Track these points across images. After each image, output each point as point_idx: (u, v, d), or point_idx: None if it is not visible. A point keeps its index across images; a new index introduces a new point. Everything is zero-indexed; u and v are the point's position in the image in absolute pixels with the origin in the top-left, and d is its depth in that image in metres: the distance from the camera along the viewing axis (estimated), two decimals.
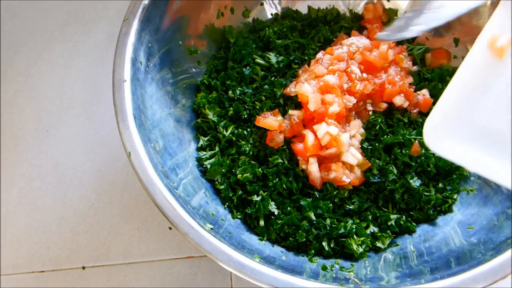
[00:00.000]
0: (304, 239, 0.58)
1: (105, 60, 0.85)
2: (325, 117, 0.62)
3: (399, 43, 0.73)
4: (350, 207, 0.61)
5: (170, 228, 0.68)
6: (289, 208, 0.60)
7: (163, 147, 0.60)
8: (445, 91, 0.40)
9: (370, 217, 0.61)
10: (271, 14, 0.78)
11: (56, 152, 0.76)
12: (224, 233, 0.56)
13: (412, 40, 0.74)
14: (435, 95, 0.68)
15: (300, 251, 0.59)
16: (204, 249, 0.49)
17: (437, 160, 0.63)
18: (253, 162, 0.62)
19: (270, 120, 0.63)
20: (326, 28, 0.74)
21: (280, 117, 0.64)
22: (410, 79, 0.69)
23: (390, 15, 0.75)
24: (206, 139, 0.66)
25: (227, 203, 0.62)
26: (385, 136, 0.64)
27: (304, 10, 0.78)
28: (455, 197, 0.63)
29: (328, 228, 0.59)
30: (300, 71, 0.66)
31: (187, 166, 0.63)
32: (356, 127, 0.64)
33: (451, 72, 0.71)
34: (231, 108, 0.65)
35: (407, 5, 0.70)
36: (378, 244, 0.59)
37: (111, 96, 0.55)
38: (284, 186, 0.61)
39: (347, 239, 0.58)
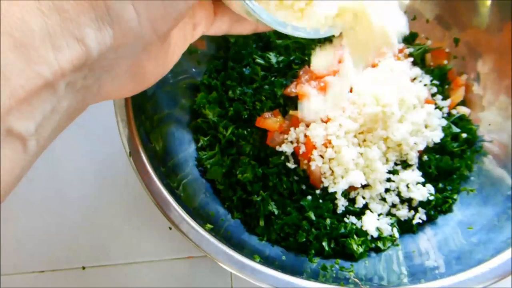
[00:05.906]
0: (304, 239, 0.58)
1: None
2: None
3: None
4: (350, 207, 0.61)
5: (170, 228, 0.68)
6: (289, 208, 0.60)
7: (163, 147, 0.60)
8: None
9: None
10: None
11: (56, 152, 0.76)
12: (224, 233, 0.56)
13: (412, 40, 0.73)
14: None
15: (300, 251, 0.59)
16: (204, 249, 0.49)
17: (437, 160, 0.63)
18: (253, 162, 0.62)
19: (270, 121, 0.63)
20: None
21: (280, 118, 0.64)
22: None
23: None
24: (206, 139, 0.66)
25: (227, 203, 0.62)
26: None
27: None
28: (455, 197, 0.63)
29: (328, 228, 0.59)
30: (301, 72, 0.66)
31: (187, 166, 0.63)
32: None
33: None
34: (231, 108, 0.65)
35: None
36: (378, 244, 0.59)
37: None
38: (284, 186, 0.61)
39: (347, 239, 0.58)
